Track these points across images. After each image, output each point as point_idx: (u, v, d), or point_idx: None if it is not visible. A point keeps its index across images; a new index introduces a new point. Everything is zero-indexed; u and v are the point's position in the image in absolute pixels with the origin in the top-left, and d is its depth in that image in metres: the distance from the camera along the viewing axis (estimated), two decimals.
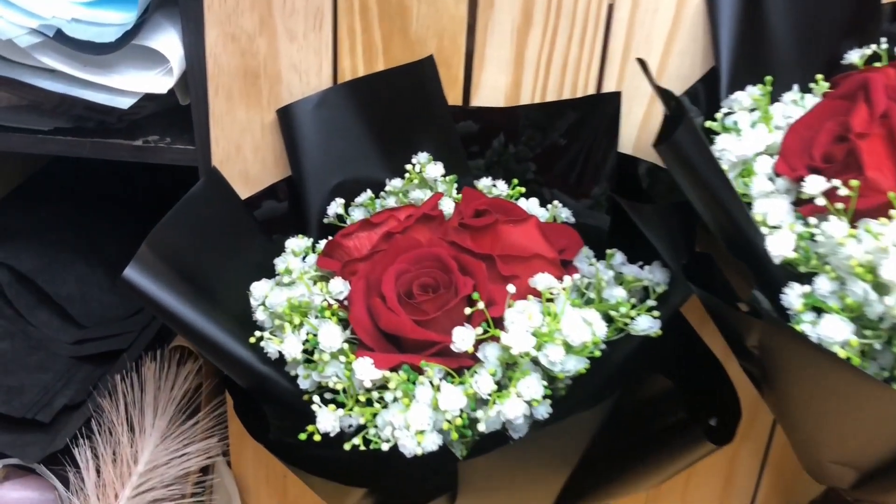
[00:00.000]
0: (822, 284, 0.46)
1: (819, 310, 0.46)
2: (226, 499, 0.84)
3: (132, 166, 0.72)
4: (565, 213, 0.64)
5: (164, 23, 0.66)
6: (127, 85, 0.65)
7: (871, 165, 0.47)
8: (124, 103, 0.65)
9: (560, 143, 0.65)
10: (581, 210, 0.64)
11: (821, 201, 0.49)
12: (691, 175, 0.47)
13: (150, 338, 0.83)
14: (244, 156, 0.68)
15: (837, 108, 0.51)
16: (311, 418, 0.53)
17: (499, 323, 0.51)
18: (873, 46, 0.57)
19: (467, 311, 0.51)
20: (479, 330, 0.50)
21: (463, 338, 0.50)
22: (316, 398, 0.53)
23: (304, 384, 0.55)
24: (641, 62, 0.53)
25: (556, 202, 0.63)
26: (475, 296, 0.51)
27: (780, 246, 0.48)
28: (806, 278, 0.47)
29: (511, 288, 0.52)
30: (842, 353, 0.44)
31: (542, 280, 0.52)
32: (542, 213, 0.63)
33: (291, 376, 0.57)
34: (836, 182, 0.48)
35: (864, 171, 0.47)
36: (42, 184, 0.95)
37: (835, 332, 0.44)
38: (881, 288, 0.44)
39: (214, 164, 0.67)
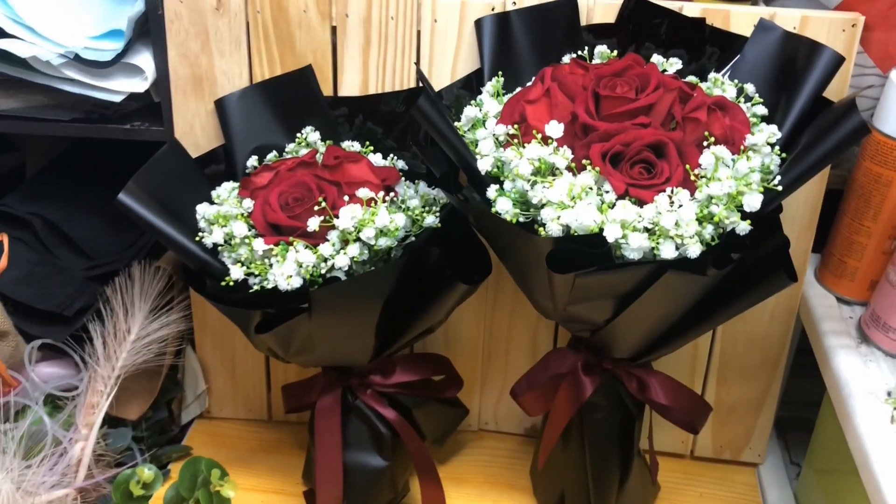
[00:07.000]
0: (506, 184, 0.84)
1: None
2: (193, 376, 1.20)
3: (123, 144, 1.09)
4: (401, 164, 1.01)
5: (141, 48, 1.04)
6: (119, 87, 1.03)
7: (533, 118, 0.84)
8: (117, 99, 1.03)
9: (392, 118, 1.03)
10: (408, 160, 1.01)
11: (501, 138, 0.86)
12: (433, 127, 0.85)
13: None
14: (195, 132, 1.05)
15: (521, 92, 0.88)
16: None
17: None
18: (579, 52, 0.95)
19: (317, 208, 0.88)
20: (323, 219, 0.87)
21: (313, 224, 0.87)
22: (230, 263, 0.90)
23: (226, 260, 0.92)
24: (417, 67, 0.91)
25: (392, 155, 1.01)
26: (321, 201, 0.88)
27: (485, 164, 0.85)
28: (498, 181, 0.85)
29: (346, 198, 0.89)
30: (508, 217, 0.81)
31: (363, 192, 0.89)
32: (384, 162, 1.00)
33: (221, 260, 0.94)
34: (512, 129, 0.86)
35: (528, 120, 0.84)
36: (65, 159, 1.32)
37: (505, 207, 0.82)
38: (534, 185, 0.82)
39: (176, 137, 1.05)
